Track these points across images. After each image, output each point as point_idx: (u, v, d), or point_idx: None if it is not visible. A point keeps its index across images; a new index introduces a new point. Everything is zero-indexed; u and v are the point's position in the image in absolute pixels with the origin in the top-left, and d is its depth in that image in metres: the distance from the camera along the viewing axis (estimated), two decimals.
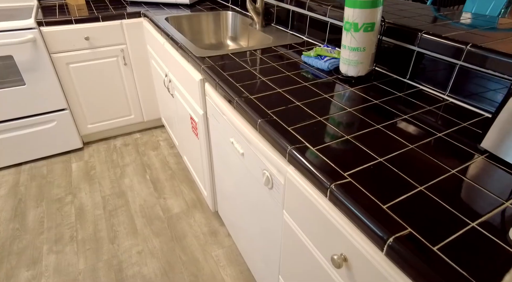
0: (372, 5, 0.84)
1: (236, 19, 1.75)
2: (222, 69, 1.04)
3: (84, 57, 1.77)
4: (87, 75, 1.82)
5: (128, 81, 1.95)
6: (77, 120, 1.93)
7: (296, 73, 1.02)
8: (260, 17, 1.47)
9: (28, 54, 1.61)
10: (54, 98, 1.77)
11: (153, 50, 1.76)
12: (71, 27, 1.67)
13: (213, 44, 1.81)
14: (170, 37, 1.34)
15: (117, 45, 1.82)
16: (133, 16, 1.79)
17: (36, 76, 1.67)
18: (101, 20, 1.73)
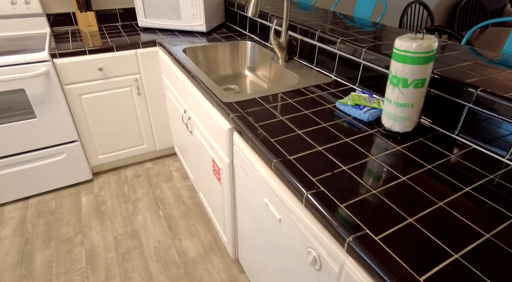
0: (425, 61, 0.77)
1: (255, 49, 1.69)
2: (253, 119, 0.96)
3: (97, 87, 1.70)
4: (100, 106, 1.76)
5: (141, 111, 1.88)
6: (88, 151, 1.85)
7: (334, 125, 0.94)
8: (283, 53, 1.40)
9: (40, 87, 1.54)
10: (65, 130, 1.70)
11: (169, 81, 1.69)
12: (85, 58, 1.61)
13: (230, 74, 1.75)
14: (192, 76, 1.27)
15: (131, 74, 1.76)
16: (148, 45, 1.73)
17: (47, 108, 1.60)
18: (115, 50, 1.67)
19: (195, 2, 1.74)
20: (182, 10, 1.78)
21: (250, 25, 1.82)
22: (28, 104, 1.56)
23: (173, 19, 1.83)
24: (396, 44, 0.79)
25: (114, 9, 2.04)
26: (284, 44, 1.39)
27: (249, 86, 1.65)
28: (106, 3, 2.02)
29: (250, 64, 1.74)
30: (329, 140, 0.86)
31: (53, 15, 1.91)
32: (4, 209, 1.70)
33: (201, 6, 1.74)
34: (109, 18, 2.05)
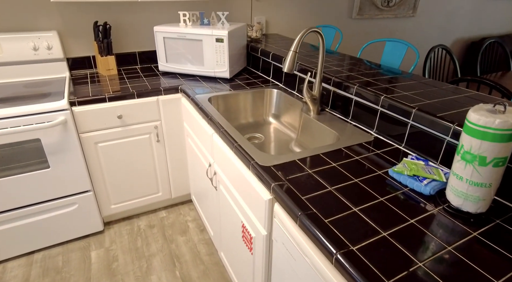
0: (510, 138, 0.67)
1: (280, 97, 1.62)
2: (298, 189, 0.85)
3: (115, 135, 1.62)
4: (116, 154, 1.67)
5: (159, 158, 1.79)
6: (100, 201, 1.74)
7: (391, 199, 0.83)
8: (316, 105, 1.32)
9: (57, 136, 1.46)
10: (78, 180, 1.60)
11: (191, 130, 1.61)
12: (104, 105, 1.54)
13: (254, 121, 1.67)
14: (222, 131, 1.18)
15: (151, 121, 1.68)
16: (170, 92, 1.67)
17: (62, 158, 1.51)
18: (137, 97, 1.60)
19: (220, 49, 1.70)
20: (206, 56, 1.74)
21: (274, 71, 1.77)
22: (42, 153, 1.47)
23: (195, 64, 1.79)
24: (471, 117, 0.70)
25: (134, 52, 2.02)
26: (318, 96, 1.32)
27: (274, 134, 1.56)
28: (126, 46, 1.99)
29: (275, 111, 1.67)
30: (392, 222, 0.75)
31: (72, 59, 1.88)
32: (7, 266, 1.56)
33: (226, 53, 1.70)
34: (128, 61, 2.02)
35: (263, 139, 1.53)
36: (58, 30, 1.79)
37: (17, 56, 1.67)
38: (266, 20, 2.32)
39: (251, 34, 2.06)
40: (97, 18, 1.86)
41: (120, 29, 1.94)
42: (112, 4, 1.86)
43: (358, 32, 2.72)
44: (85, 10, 1.81)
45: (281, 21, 2.38)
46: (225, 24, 1.81)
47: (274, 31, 2.39)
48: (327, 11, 2.51)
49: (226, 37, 1.66)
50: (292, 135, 1.52)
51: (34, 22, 1.73)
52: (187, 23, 1.81)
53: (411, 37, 3.03)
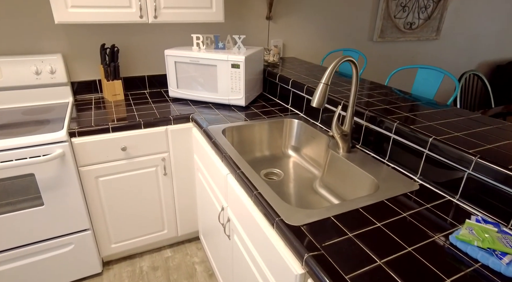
0: None
1: (301, 128, 1.46)
2: (337, 262, 0.67)
3: (118, 169, 1.47)
4: (119, 189, 1.51)
5: (166, 193, 1.62)
6: (100, 240, 1.57)
7: (460, 280, 0.64)
8: (347, 142, 1.15)
9: (53, 171, 1.31)
10: (75, 218, 1.43)
11: (202, 164, 1.45)
12: (107, 136, 1.40)
13: (272, 154, 1.50)
14: (239, 174, 1.01)
15: (158, 153, 1.53)
16: (181, 121, 1.52)
17: (57, 194, 1.36)
18: (143, 127, 1.46)
19: (235, 75, 1.56)
20: (220, 82, 1.60)
21: (294, 98, 1.62)
22: (35, 189, 1.32)
23: (208, 91, 1.65)
24: None
25: (143, 75, 1.90)
26: (349, 132, 1.15)
27: (294, 170, 1.39)
28: (135, 69, 1.88)
29: (295, 143, 1.50)
30: None
31: (77, 83, 1.76)
32: None
33: (242, 79, 1.55)
34: (136, 85, 1.90)
35: (282, 176, 1.36)
36: (62, 53, 1.68)
37: (18, 80, 1.55)
38: (283, 43, 2.19)
39: (267, 58, 1.93)
40: (104, 40, 1.75)
41: (128, 51, 1.82)
42: (121, 25, 1.75)
43: (379, 56, 2.58)
44: (92, 32, 1.71)
45: (299, 44, 2.25)
46: (241, 48, 1.67)
47: (291, 54, 2.26)
48: (347, 33, 2.38)
49: (243, 63, 1.52)
50: (315, 173, 1.35)
51: (38, 44, 1.63)
52: (201, 46, 1.68)
53: (434, 60, 2.87)
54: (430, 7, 2.54)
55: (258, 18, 2.05)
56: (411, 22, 2.54)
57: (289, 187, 1.28)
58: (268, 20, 2.07)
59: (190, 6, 1.59)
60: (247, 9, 2.00)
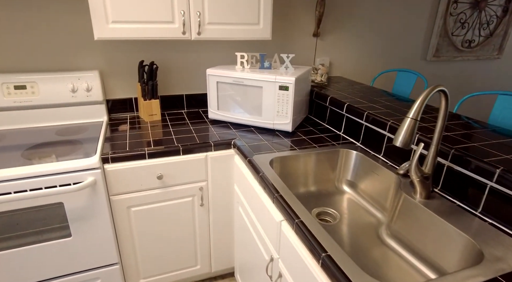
0: None
1: (361, 162, 1.27)
2: None
3: (152, 198, 1.33)
4: (151, 220, 1.37)
5: (201, 225, 1.47)
6: (128, 275, 1.43)
7: None
8: (427, 187, 0.95)
9: (83, 201, 1.19)
10: (104, 251, 1.30)
11: (244, 198, 1.29)
12: (143, 163, 1.27)
13: (323, 189, 1.31)
14: (298, 224, 0.83)
15: (196, 182, 1.38)
16: (221, 147, 1.38)
17: (87, 225, 1.24)
18: (182, 154, 1.32)
19: (283, 98, 1.40)
20: (265, 105, 1.45)
21: (348, 125, 1.43)
22: (63, 219, 1.20)
23: (251, 114, 1.50)
24: None
25: (181, 94, 1.78)
26: (430, 174, 0.95)
27: (352, 211, 1.19)
28: (173, 88, 1.77)
29: (352, 178, 1.31)
30: None
31: (112, 101, 1.66)
32: None
33: (290, 102, 1.39)
34: (173, 104, 1.79)
35: (338, 218, 1.16)
36: (99, 70, 1.60)
37: (54, 98, 1.47)
38: (330, 62, 2.02)
39: (315, 78, 1.77)
40: (142, 57, 1.65)
41: (167, 69, 1.72)
42: (161, 42, 1.66)
43: (432, 76, 2.35)
44: (130, 48, 1.62)
45: (346, 63, 2.07)
46: (289, 68, 1.52)
47: (336, 73, 2.08)
48: (398, 52, 2.18)
49: (293, 85, 1.36)
50: (378, 216, 1.14)
51: (75, 61, 1.55)
52: (245, 65, 1.54)
53: (495, 81, 2.59)
54: (493, 23, 2.29)
55: (305, 35, 1.90)
56: (470, 39, 2.30)
57: (348, 233, 1.09)
58: (315, 37, 1.91)
59: (236, 22, 1.46)
60: (293, 25, 1.86)
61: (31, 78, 1.44)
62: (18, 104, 1.43)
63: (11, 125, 1.46)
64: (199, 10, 1.38)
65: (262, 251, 1.12)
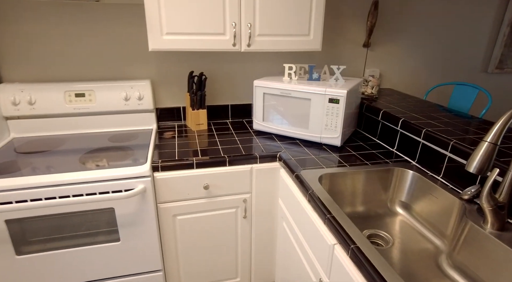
0: None
1: (416, 181, 1.18)
2: None
3: (198, 207, 1.34)
4: (195, 229, 1.37)
5: (243, 237, 1.45)
6: (170, 281, 1.45)
7: None
8: (500, 218, 0.85)
9: (132, 207, 1.23)
10: (149, 257, 1.33)
11: (289, 213, 1.25)
12: (191, 172, 1.28)
13: (373, 209, 1.24)
14: (355, 250, 0.78)
15: (240, 194, 1.37)
16: (267, 160, 1.36)
17: (135, 231, 1.27)
18: (228, 165, 1.32)
19: (332, 111, 1.35)
20: (312, 118, 1.41)
21: (402, 141, 1.35)
22: (113, 224, 1.24)
23: (297, 126, 1.46)
24: None
25: (226, 105, 1.80)
26: (505, 203, 0.85)
27: (406, 236, 1.11)
28: (220, 98, 1.79)
29: (406, 199, 1.22)
30: None
31: (161, 109, 1.72)
32: None
33: (340, 116, 1.34)
34: (219, 114, 1.80)
35: (391, 242, 1.08)
36: (151, 79, 1.66)
37: (108, 106, 1.55)
38: (380, 73, 1.94)
39: (364, 90, 1.69)
40: (191, 68, 1.69)
41: (215, 80, 1.74)
42: (210, 53, 1.68)
43: (494, 89, 2.16)
44: (180, 59, 1.66)
45: (397, 75, 1.97)
46: (340, 80, 1.47)
47: (386, 85, 1.99)
48: (455, 64, 2.03)
49: (344, 98, 1.31)
50: (437, 243, 1.05)
51: (129, 71, 1.62)
52: (293, 77, 1.52)
53: None
54: None
55: (354, 46, 1.84)
56: None
57: (402, 259, 1.00)
58: (365, 48, 1.85)
59: (286, 34, 1.44)
60: (342, 36, 1.81)
61: (89, 86, 1.52)
62: (77, 111, 1.52)
63: (71, 130, 1.55)
64: (250, 22, 1.39)
65: (309, 271, 1.07)
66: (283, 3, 1.39)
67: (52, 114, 1.50)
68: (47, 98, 1.48)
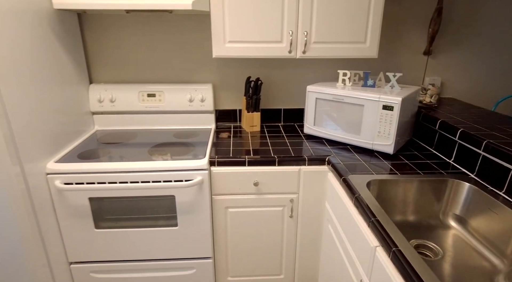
0: None
1: (473, 195, 1.13)
2: None
3: (247, 202, 1.43)
4: (244, 223, 1.47)
5: (289, 236, 1.51)
6: (218, 270, 1.56)
7: None
8: None
9: (190, 196, 1.36)
10: (201, 244, 1.45)
11: (335, 216, 1.28)
12: (243, 169, 1.38)
13: (423, 220, 1.21)
14: (396, 253, 0.79)
15: (287, 194, 1.43)
16: (315, 162, 1.40)
17: (191, 218, 1.40)
18: (277, 165, 1.39)
19: (386, 118, 1.35)
20: (365, 124, 1.42)
21: (460, 153, 1.29)
22: (173, 210, 1.39)
23: (348, 132, 1.48)
24: None
25: (279, 108, 1.88)
26: None
27: (458, 250, 1.06)
28: (273, 102, 1.87)
29: (461, 213, 1.17)
30: None
31: (219, 111, 1.86)
32: None
33: (394, 123, 1.33)
34: (271, 117, 1.89)
35: (440, 254, 1.05)
36: (212, 83, 1.81)
37: (175, 106, 1.73)
38: (441, 82, 1.85)
39: (423, 98, 1.64)
40: (250, 73, 1.80)
41: (269, 84, 1.84)
42: (266, 59, 1.78)
43: None
44: (239, 65, 1.79)
45: (461, 84, 1.87)
46: (395, 88, 1.46)
47: (448, 95, 1.89)
48: None
49: (398, 105, 1.30)
50: (495, 262, 0.99)
51: (194, 75, 1.79)
52: (346, 83, 1.54)
53: None
54: None
55: (414, 53, 1.79)
56: None
57: (452, 273, 0.97)
58: (426, 56, 1.79)
59: (341, 41, 1.48)
60: (401, 43, 1.77)
61: (159, 88, 1.72)
62: (148, 109, 1.73)
63: (142, 126, 1.77)
64: (307, 30, 1.45)
65: (351, 272, 1.09)
66: (340, 12, 1.43)
67: (128, 111, 1.73)
68: (125, 97, 1.71)
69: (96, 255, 1.44)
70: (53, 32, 1.36)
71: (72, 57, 1.53)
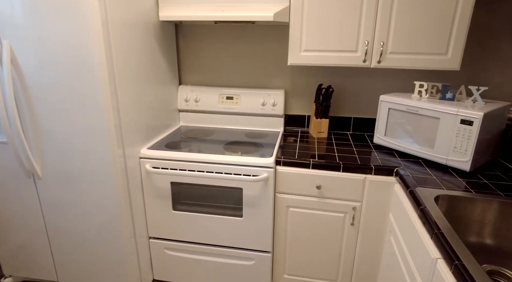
0: None
1: None
2: None
3: (308, 204, 1.49)
4: (304, 224, 1.52)
5: (348, 244, 1.51)
6: (275, 266, 1.63)
7: None
8: None
9: (256, 191, 1.47)
10: (262, 238, 1.55)
11: (398, 229, 1.25)
12: (306, 171, 1.44)
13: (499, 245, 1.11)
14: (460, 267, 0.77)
15: (350, 201, 1.45)
16: (382, 172, 1.39)
17: (255, 211, 1.51)
18: (341, 170, 1.42)
19: (464, 133, 1.28)
20: (439, 138, 1.36)
21: None
22: (240, 202, 1.52)
23: (421, 145, 1.44)
24: None
25: (349, 117, 1.89)
26: None
27: None
28: (343, 110, 1.90)
29: None
30: None
31: (288, 116, 1.95)
32: None
33: (472, 139, 1.26)
34: (340, 125, 1.91)
35: None
36: (285, 89, 1.91)
37: (249, 108, 1.88)
38: None
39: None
40: (321, 81, 1.86)
41: (341, 92, 1.87)
42: (339, 68, 1.82)
43: None
44: (311, 72, 1.86)
45: None
46: (478, 102, 1.37)
47: None
48: None
49: (479, 120, 1.23)
50: None
51: (268, 81, 1.92)
52: (423, 95, 1.50)
53: None
54: None
55: (506, 67, 1.64)
56: None
57: None
58: None
59: (420, 52, 1.45)
60: (489, 54, 1.64)
61: (237, 92, 1.89)
62: (226, 110, 1.91)
63: (219, 125, 1.96)
64: (383, 40, 1.46)
65: None
66: (420, 23, 1.40)
67: (208, 110, 1.94)
68: (207, 98, 1.91)
69: (170, 233, 1.65)
70: (156, 40, 1.62)
71: (167, 61, 1.79)
